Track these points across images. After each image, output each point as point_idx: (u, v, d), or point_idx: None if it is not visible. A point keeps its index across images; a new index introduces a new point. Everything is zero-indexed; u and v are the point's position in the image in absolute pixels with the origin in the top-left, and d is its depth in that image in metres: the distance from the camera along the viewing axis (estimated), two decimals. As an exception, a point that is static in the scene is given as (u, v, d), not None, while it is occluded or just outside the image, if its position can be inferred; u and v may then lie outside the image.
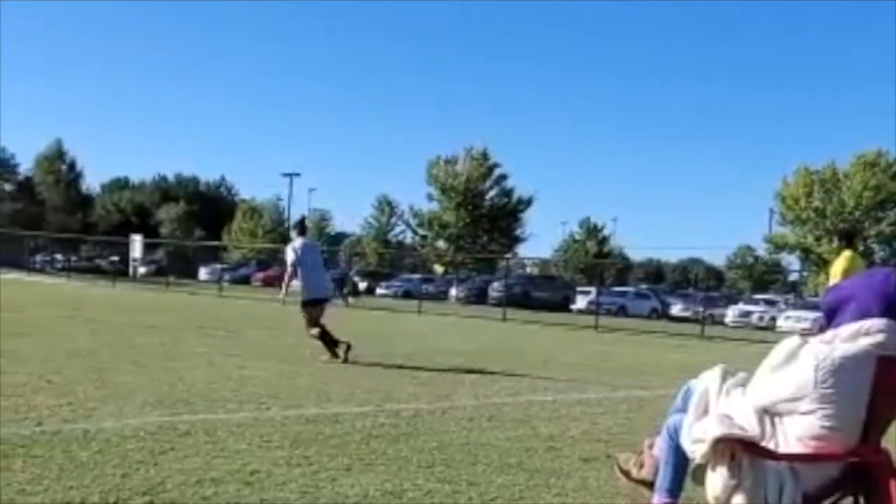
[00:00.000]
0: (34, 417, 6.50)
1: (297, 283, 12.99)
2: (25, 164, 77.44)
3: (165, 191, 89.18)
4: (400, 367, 12.16)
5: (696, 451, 3.82)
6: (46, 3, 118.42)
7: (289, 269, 13.06)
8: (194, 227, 77.77)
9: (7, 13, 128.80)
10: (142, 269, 55.24)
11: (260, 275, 58.72)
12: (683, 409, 4.20)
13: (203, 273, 59.37)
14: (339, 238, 79.50)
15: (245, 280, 57.20)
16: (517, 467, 5.99)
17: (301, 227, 13.62)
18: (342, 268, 48.16)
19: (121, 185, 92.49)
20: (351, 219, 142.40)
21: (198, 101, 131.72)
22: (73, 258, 58.38)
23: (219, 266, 54.41)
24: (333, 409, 7.99)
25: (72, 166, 79.75)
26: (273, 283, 49.86)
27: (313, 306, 12.81)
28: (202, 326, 17.75)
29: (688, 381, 4.35)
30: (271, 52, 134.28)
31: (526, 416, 8.39)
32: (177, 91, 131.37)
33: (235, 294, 38.90)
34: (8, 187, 73.28)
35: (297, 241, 12.99)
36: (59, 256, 58.17)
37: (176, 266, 53.98)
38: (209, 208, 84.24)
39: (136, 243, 54.15)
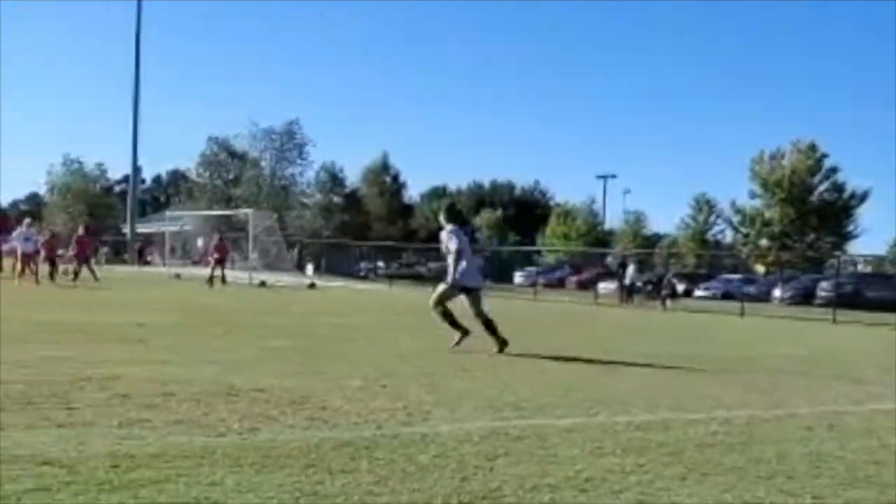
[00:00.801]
0: (374, 420, 6.78)
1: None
2: (352, 178, 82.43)
3: (481, 197, 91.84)
4: (726, 371, 11.73)
5: None
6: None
7: (452, 254, 12.78)
8: (509, 232, 79.48)
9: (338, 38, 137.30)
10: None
11: (574, 278, 59.05)
12: None
13: (518, 277, 60.52)
14: (654, 239, 78.32)
15: (560, 283, 57.72)
16: (865, 481, 5.55)
17: (454, 214, 13.46)
18: (658, 270, 47.41)
19: (439, 193, 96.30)
20: (667, 219, 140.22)
21: (509, 107, 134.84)
22: (395, 265, 61.26)
23: (534, 269, 55.22)
24: (663, 415, 7.79)
25: (395, 178, 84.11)
26: (587, 286, 50.08)
27: (462, 291, 12.83)
28: (521, 330, 18.00)
29: None
30: (577, 55, 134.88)
31: (870, 426, 7.79)
32: (481, 97, 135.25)
33: (550, 298, 39.30)
34: (337, 199, 78.12)
35: (450, 227, 12.91)
36: (381, 264, 61.28)
37: (491, 271, 55.32)
38: (524, 213, 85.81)
39: (454, 250, 55.97)
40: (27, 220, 33.01)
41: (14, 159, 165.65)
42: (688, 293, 50.14)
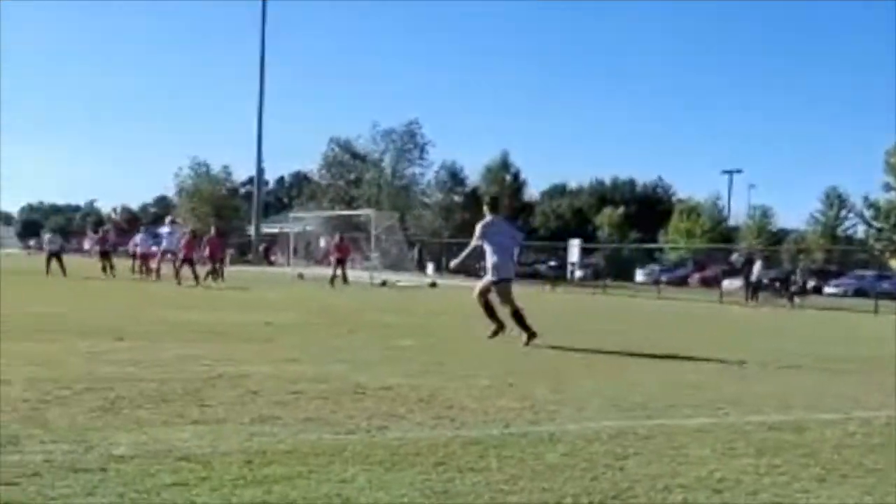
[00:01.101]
0: (501, 419, 6.76)
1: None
2: (472, 177, 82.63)
3: (602, 195, 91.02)
4: (862, 371, 11.34)
5: None
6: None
7: (473, 242, 13.42)
8: (630, 229, 78.51)
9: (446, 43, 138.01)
10: (578, 273, 56.61)
11: (697, 275, 57.99)
12: None
13: (639, 275, 59.80)
14: (781, 235, 76.20)
15: (683, 281, 56.75)
16: None
17: (493, 204, 13.88)
18: (785, 266, 46.17)
19: (559, 191, 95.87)
20: (795, 215, 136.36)
21: (631, 102, 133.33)
22: (515, 264, 60.96)
23: (656, 267, 54.44)
24: (797, 415, 7.55)
25: (515, 176, 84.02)
26: (711, 283, 49.12)
27: (500, 284, 13.27)
28: (645, 329, 17.77)
29: None
30: (700, 48, 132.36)
31: None
32: (602, 93, 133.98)
33: (673, 295, 38.68)
34: (457, 198, 78.45)
35: (487, 218, 13.36)
36: (501, 262, 60.97)
37: (612, 269, 54.76)
38: (646, 210, 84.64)
39: (574, 247, 55.68)
40: (169, 219, 34.08)
41: (144, 164, 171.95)
42: (817, 290, 48.61)
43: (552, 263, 57.85)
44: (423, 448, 5.55)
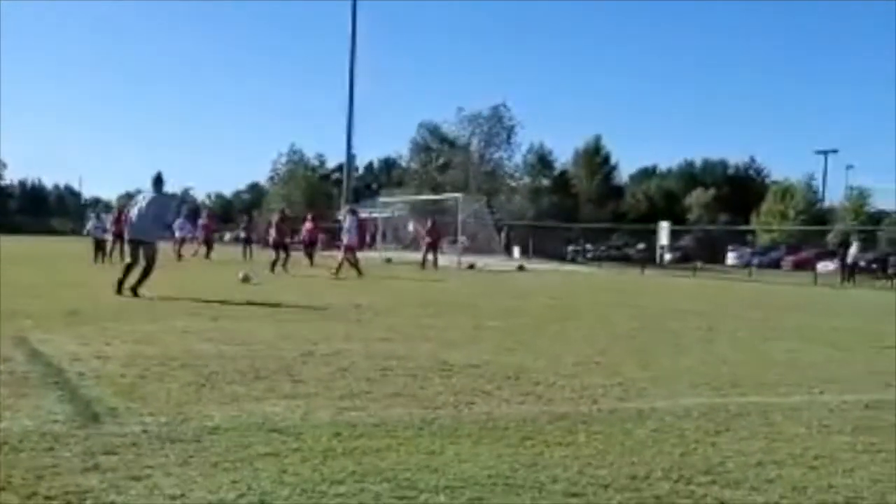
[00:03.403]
0: (590, 395, 6.73)
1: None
2: (562, 160, 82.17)
3: (692, 176, 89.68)
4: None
5: None
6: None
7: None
8: (721, 211, 77.20)
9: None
10: (668, 256, 55.89)
11: (790, 258, 56.78)
12: None
13: (731, 258, 58.81)
14: (879, 217, 74.02)
15: (775, 264, 55.64)
16: None
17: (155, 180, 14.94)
18: (883, 248, 44.90)
19: (649, 173, 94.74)
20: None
21: (723, 83, 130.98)
22: (603, 247, 60.65)
23: (748, 250, 53.49)
24: (894, 395, 7.35)
25: (606, 160, 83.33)
26: (804, 266, 48.08)
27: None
28: (736, 311, 17.49)
29: None
30: (793, 27, 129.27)
31: None
32: (693, 73, 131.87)
33: (765, 278, 37.97)
34: (546, 182, 78.12)
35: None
36: (589, 246, 60.77)
37: (702, 252, 53.94)
38: (737, 192, 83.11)
39: (664, 230, 54.97)
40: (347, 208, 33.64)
41: (237, 153, 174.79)
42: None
43: (641, 246, 57.21)
44: (510, 423, 5.56)
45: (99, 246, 29.09)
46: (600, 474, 4.47)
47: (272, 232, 28.90)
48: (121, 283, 14.23)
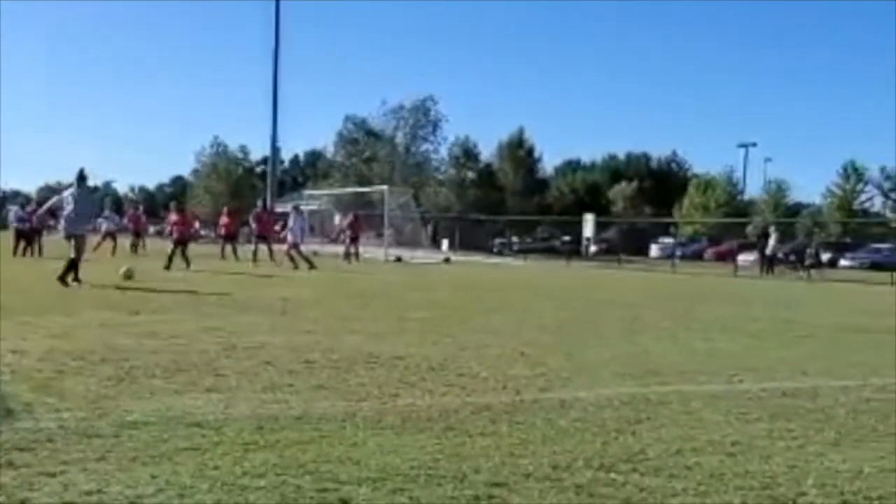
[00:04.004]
0: (513, 386, 6.76)
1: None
2: (486, 153, 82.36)
3: (616, 169, 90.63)
4: (880, 341, 11.30)
5: None
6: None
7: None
8: (644, 204, 78.17)
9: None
10: (593, 248, 56.36)
11: (712, 250, 57.77)
12: None
13: (654, 250, 59.59)
14: (796, 209, 75.67)
15: (698, 256, 56.53)
16: None
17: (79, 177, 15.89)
18: (801, 240, 45.92)
19: (573, 166, 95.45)
20: (812, 188, 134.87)
21: (645, 76, 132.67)
22: (529, 240, 61.00)
23: (671, 242, 54.30)
24: (811, 382, 7.53)
25: (530, 152, 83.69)
26: (726, 258, 48.95)
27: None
28: (659, 302, 17.74)
29: None
30: (712, 17, 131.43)
31: None
32: (616, 67, 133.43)
33: (688, 270, 38.56)
34: (471, 175, 78.23)
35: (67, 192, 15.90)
36: (515, 239, 61.08)
37: (626, 244, 54.55)
38: (660, 185, 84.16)
39: (588, 223, 55.50)
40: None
41: (161, 145, 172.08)
42: (832, 263, 48.25)
43: (566, 238, 57.63)
44: (433, 414, 5.57)
45: (20, 238, 28.41)
46: (522, 464, 4.49)
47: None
48: (64, 276, 15.27)
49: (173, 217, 28.25)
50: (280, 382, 6.46)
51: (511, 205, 73.79)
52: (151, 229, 55.79)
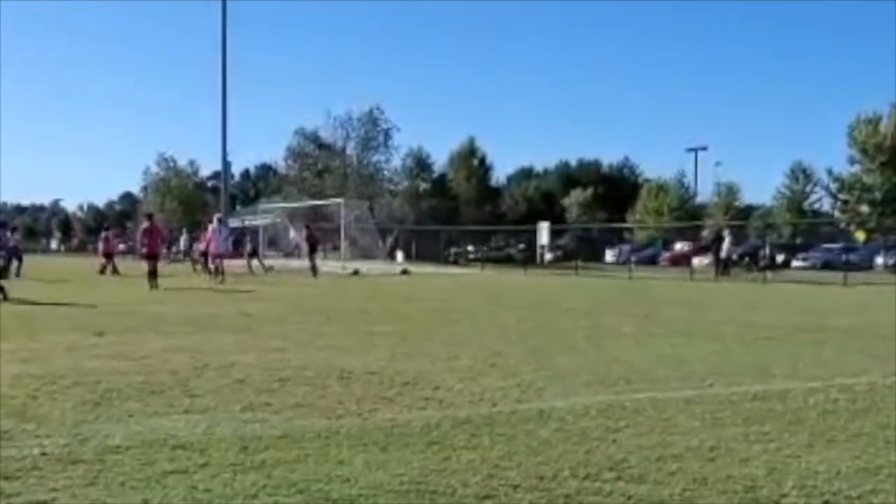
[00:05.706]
0: (489, 398, 6.81)
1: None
2: (440, 163, 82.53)
3: (569, 176, 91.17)
4: (839, 340, 11.52)
5: None
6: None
7: None
8: (598, 210, 78.71)
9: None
10: (548, 256, 56.62)
11: (667, 254, 58.32)
12: None
13: (609, 255, 60.01)
14: (748, 211, 76.55)
15: (652, 260, 57.04)
16: None
17: None
18: (753, 241, 46.50)
19: (526, 174, 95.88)
20: (761, 190, 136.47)
21: (595, 84, 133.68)
22: (484, 248, 61.16)
23: (626, 247, 54.70)
24: (779, 385, 7.66)
25: (482, 161, 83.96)
26: (680, 262, 49.43)
27: None
28: (620, 308, 17.90)
29: None
30: (660, 23, 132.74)
31: None
32: (566, 75, 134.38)
33: (644, 275, 38.91)
34: (425, 185, 78.32)
35: None
36: (470, 248, 61.20)
37: (582, 250, 54.87)
38: (613, 191, 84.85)
39: (543, 230, 55.76)
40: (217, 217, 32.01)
41: (108, 162, 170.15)
42: (785, 264, 48.93)
43: (521, 246, 57.84)
44: (415, 429, 5.61)
45: None
46: (509, 476, 4.54)
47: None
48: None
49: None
50: (257, 402, 6.46)
51: (464, 214, 74.00)
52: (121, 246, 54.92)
